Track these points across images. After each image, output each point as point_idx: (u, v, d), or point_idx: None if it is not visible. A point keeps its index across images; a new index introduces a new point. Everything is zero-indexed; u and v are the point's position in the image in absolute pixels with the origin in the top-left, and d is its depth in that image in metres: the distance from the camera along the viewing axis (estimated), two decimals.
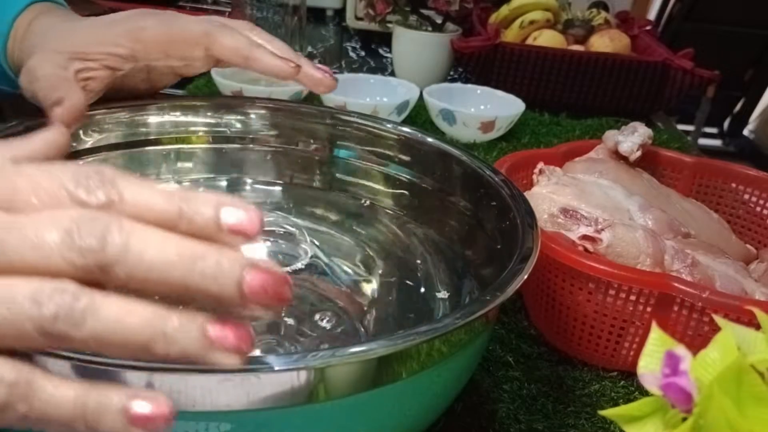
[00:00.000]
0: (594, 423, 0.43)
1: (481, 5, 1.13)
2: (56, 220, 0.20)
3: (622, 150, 0.60)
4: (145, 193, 0.22)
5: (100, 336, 0.20)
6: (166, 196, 0.22)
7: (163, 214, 0.22)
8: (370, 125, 0.50)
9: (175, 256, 0.21)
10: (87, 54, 0.41)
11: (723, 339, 0.19)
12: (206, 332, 0.21)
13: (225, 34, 0.40)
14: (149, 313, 0.21)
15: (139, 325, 0.20)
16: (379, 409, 0.30)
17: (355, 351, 0.26)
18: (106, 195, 0.21)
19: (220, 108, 0.51)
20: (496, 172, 0.44)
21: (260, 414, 0.27)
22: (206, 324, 0.21)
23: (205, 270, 0.21)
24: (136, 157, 0.50)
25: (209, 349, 0.21)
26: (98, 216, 0.21)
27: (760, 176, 0.61)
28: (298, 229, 0.52)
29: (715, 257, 0.50)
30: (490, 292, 0.31)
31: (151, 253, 0.21)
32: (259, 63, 0.40)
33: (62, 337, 0.20)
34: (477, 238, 0.44)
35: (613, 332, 0.46)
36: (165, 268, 0.21)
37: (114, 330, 0.20)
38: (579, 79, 0.97)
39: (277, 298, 0.21)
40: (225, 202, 0.22)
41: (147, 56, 0.41)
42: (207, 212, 0.22)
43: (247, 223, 0.22)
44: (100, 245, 0.20)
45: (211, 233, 0.22)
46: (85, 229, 0.20)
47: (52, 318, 0.20)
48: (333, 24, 1.37)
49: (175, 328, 0.21)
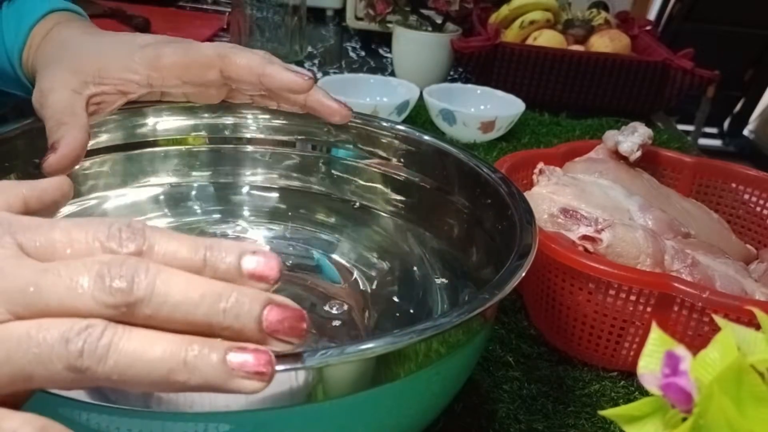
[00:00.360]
0: (594, 423, 0.43)
1: (481, 5, 1.13)
2: (89, 265, 0.22)
3: (622, 150, 0.60)
4: (173, 243, 0.23)
5: (122, 370, 0.21)
6: (191, 244, 0.24)
7: (188, 261, 0.23)
8: (369, 125, 0.50)
9: (198, 297, 0.22)
10: (103, 79, 0.41)
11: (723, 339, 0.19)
12: (226, 357, 0.22)
13: (238, 53, 0.40)
14: (170, 342, 0.22)
15: (160, 355, 0.21)
16: (378, 409, 0.30)
17: (353, 350, 0.26)
18: (137, 246, 0.23)
19: (217, 109, 0.51)
20: (494, 170, 0.44)
21: (259, 414, 0.27)
22: (227, 349, 0.22)
23: (227, 308, 0.22)
24: (133, 158, 0.50)
25: (230, 375, 0.22)
26: (127, 260, 0.22)
27: (760, 176, 0.60)
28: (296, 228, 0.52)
29: (715, 257, 0.50)
30: (488, 290, 0.30)
31: (175, 292, 0.22)
32: (273, 78, 0.39)
33: (88, 373, 0.21)
34: (475, 237, 0.44)
35: (613, 332, 0.46)
36: (189, 308, 0.22)
37: (135, 362, 0.21)
38: (579, 79, 0.97)
39: (294, 334, 0.23)
40: (247, 250, 0.24)
41: (163, 83, 0.41)
42: (230, 260, 0.23)
43: (267, 270, 0.24)
44: (128, 286, 0.22)
45: (233, 279, 0.23)
46: (115, 271, 0.22)
47: (78, 354, 0.21)
48: (333, 24, 1.37)
49: (196, 355, 0.21)
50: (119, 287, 0.21)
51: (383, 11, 0.99)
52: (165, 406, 0.25)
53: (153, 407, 0.25)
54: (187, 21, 1.17)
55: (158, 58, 0.41)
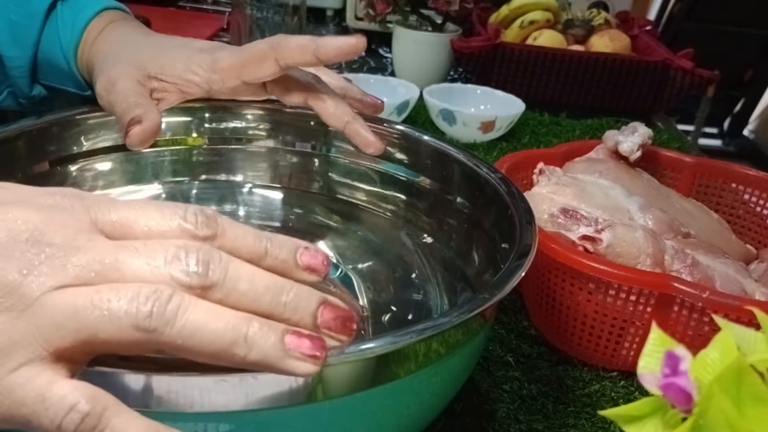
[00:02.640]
0: (594, 423, 0.43)
1: (481, 5, 1.13)
2: (166, 246, 0.23)
3: (622, 150, 0.60)
4: (241, 231, 0.25)
5: (188, 334, 0.22)
6: (256, 234, 0.26)
7: (253, 248, 0.25)
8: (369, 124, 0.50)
9: (263, 287, 0.24)
10: (166, 76, 0.43)
11: (723, 339, 0.19)
12: (284, 338, 0.23)
13: (288, 39, 0.41)
14: (234, 317, 0.23)
15: (223, 327, 0.22)
16: (377, 409, 0.30)
17: (353, 350, 0.26)
18: (212, 231, 0.25)
19: (217, 109, 0.51)
20: (494, 170, 0.44)
21: (259, 414, 0.27)
22: (284, 330, 0.23)
23: (288, 301, 0.24)
24: (134, 158, 0.50)
25: (286, 354, 0.23)
26: (202, 245, 0.24)
27: (760, 176, 0.60)
28: (296, 228, 0.52)
29: (715, 257, 0.50)
30: (488, 290, 0.30)
31: (244, 281, 0.24)
32: (327, 47, 0.40)
33: (155, 334, 0.22)
34: (475, 237, 0.44)
35: (613, 332, 0.46)
36: (255, 296, 0.24)
37: (201, 329, 0.22)
38: (579, 79, 0.97)
39: (344, 332, 0.25)
40: (301, 245, 0.26)
41: (223, 85, 0.43)
42: (287, 251, 0.26)
43: (318, 264, 0.26)
44: (204, 270, 0.23)
45: (290, 269, 0.26)
46: (192, 254, 0.23)
47: (147, 314, 0.22)
48: (333, 24, 1.37)
49: (255, 332, 0.23)
50: (195, 269, 0.23)
51: (383, 11, 0.99)
52: (165, 406, 0.25)
53: (153, 407, 0.25)
54: (187, 21, 1.17)
55: (216, 62, 0.42)
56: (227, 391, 0.25)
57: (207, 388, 0.25)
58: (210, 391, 0.25)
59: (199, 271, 0.23)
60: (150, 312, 0.21)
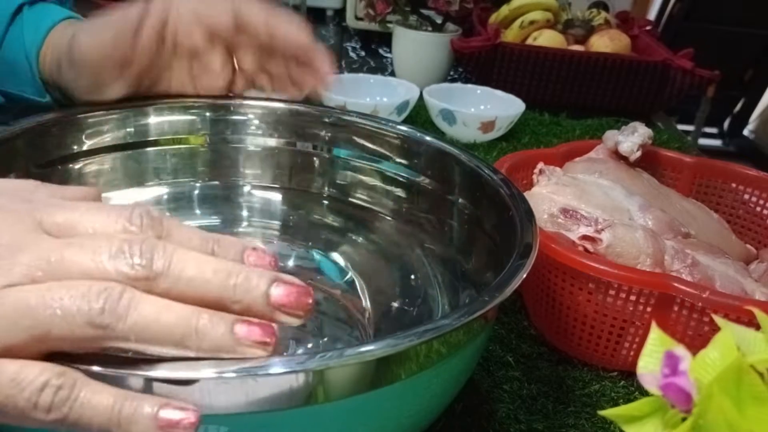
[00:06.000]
0: (594, 423, 0.43)
1: (481, 5, 1.13)
2: (111, 241, 0.24)
3: (622, 150, 0.60)
4: (186, 233, 0.26)
5: (140, 329, 0.22)
6: (202, 237, 0.26)
7: (200, 250, 0.25)
8: (369, 125, 0.50)
9: (210, 273, 0.24)
10: None
11: (723, 339, 0.19)
12: (234, 327, 0.24)
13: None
14: (183, 310, 0.23)
15: (174, 320, 0.23)
16: (378, 411, 0.30)
17: (353, 353, 0.25)
18: (156, 232, 0.25)
19: (218, 108, 0.51)
20: (495, 171, 0.44)
21: (259, 416, 0.27)
22: (233, 321, 0.24)
23: (237, 283, 0.24)
24: (134, 158, 0.50)
25: (237, 343, 0.24)
26: (147, 238, 0.24)
27: (760, 176, 0.60)
28: (296, 228, 0.52)
29: (715, 257, 0.50)
30: (490, 292, 0.30)
31: (190, 268, 0.24)
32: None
33: (108, 330, 0.22)
34: (476, 237, 0.44)
35: (613, 332, 0.46)
36: (202, 283, 0.24)
37: (152, 324, 0.23)
38: (579, 79, 0.97)
39: (300, 307, 0.25)
40: (249, 246, 0.27)
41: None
42: (235, 254, 0.26)
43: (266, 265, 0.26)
44: (148, 261, 0.23)
45: None
46: (135, 247, 0.23)
47: (99, 311, 0.22)
48: (333, 24, 1.37)
49: (205, 324, 0.23)
50: (139, 261, 0.23)
51: (383, 11, 0.99)
52: None
53: None
54: None
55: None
56: (227, 393, 0.25)
57: (207, 390, 0.25)
58: (210, 393, 0.25)
59: (143, 262, 0.23)
60: (102, 309, 0.22)
